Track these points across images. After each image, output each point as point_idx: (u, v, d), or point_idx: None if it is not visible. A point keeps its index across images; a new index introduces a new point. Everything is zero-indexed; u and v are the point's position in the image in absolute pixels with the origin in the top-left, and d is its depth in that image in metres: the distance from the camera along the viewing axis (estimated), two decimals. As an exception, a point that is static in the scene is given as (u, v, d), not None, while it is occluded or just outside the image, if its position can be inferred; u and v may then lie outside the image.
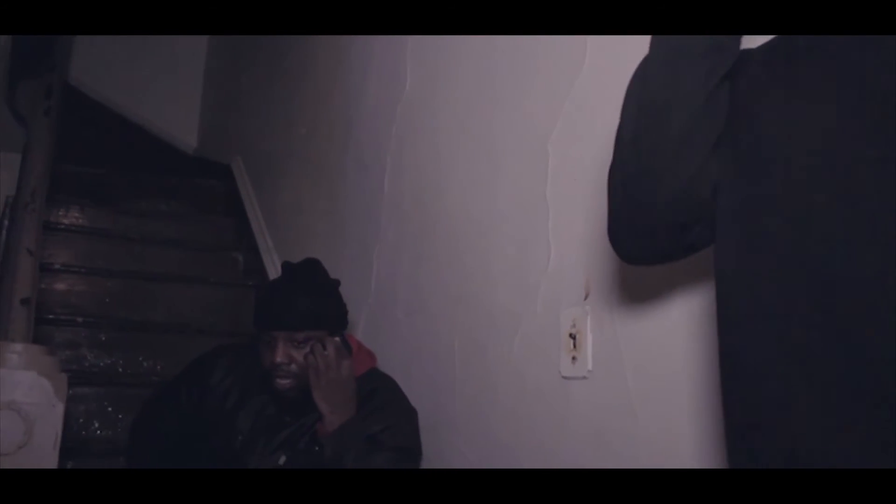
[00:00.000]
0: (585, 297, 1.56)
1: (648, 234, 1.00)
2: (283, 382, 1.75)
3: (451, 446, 1.91)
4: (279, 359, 1.73)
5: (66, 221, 3.47)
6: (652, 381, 1.38)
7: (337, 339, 1.79)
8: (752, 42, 0.99)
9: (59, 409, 1.46)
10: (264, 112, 3.80)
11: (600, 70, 1.62)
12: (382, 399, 1.82)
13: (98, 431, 2.56)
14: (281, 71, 3.61)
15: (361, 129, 2.65)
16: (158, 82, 4.91)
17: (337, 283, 1.91)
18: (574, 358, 1.56)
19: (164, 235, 3.57)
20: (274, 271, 3.27)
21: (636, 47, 1.51)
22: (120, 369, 2.87)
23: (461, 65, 2.10)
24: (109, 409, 2.60)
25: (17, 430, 1.38)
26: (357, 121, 2.69)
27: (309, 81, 3.23)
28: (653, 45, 1.01)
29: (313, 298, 1.81)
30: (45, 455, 1.39)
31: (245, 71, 4.25)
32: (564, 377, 1.58)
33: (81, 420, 2.59)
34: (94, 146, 4.24)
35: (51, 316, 2.86)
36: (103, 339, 2.92)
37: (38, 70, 3.81)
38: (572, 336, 1.57)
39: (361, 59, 2.71)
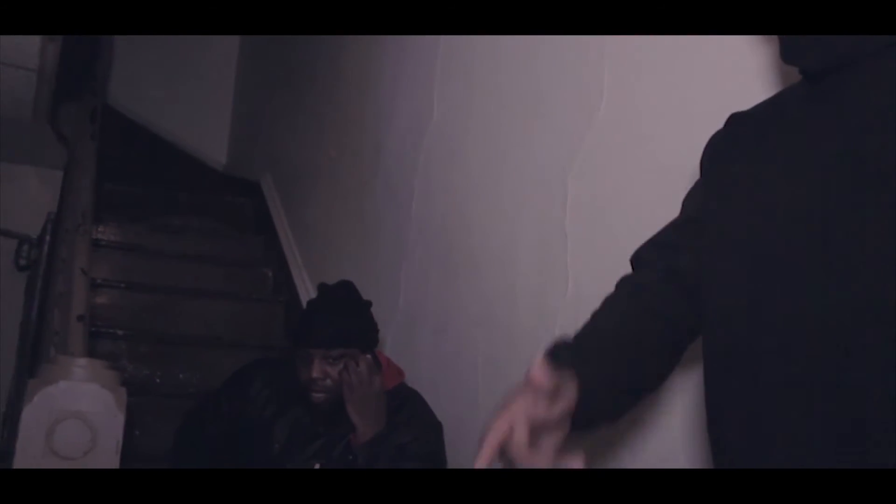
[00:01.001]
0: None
1: None
2: (319, 396, 1.89)
3: (473, 457, 2.04)
4: (315, 374, 1.87)
5: (105, 238, 3.64)
6: (658, 399, 1.51)
7: (368, 356, 1.92)
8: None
9: (120, 418, 1.61)
10: (293, 131, 3.96)
11: (617, 110, 1.75)
12: (410, 412, 1.96)
13: (140, 438, 2.70)
14: (310, 92, 3.77)
15: (390, 153, 2.79)
16: (190, 101, 5.09)
17: (369, 304, 2.05)
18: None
19: (197, 251, 3.73)
20: (303, 287, 3.42)
21: (650, 89, 1.65)
22: (157, 380, 3.02)
23: (487, 99, 2.24)
24: (149, 418, 2.75)
25: (84, 437, 1.53)
26: (386, 145, 2.83)
27: (338, 104, 3.38)
28: None
29: (347, 318, 1.95)
30: (108, 459, 1.54)
31: (274, 91, 4.41)
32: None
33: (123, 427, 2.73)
34: (129, 164, 4.42)
35: (92, 329, 3.01)
36: (142, 351, 3.07)
37: (80, 93, 4.00)
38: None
39: (390, 86, 2.86)
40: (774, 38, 1.02)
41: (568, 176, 1.85)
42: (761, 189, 0.99)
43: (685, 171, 1.45)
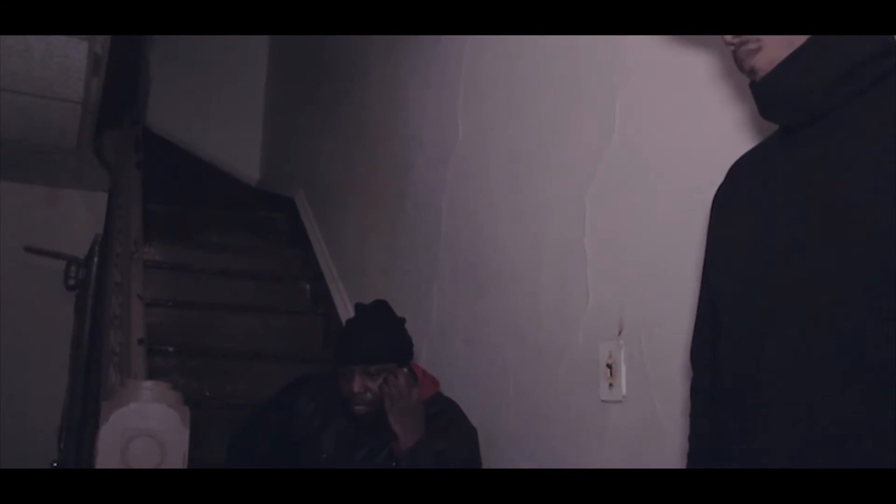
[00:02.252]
0: (619, 333, 1.84)
1: None
2: (361, 409, 2.05)
3: (508, 460, 2.19)
4: (357, 389, 2.03)
5: (150, 258, 3.82)
6: (675, 404, 1.64)
7: (405, 369, 2.08)
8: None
9: (185, 434, 1.78)
10: (324, 148, 4.13)
11: (630, 132, 1.89)
12: (447, 420, 2.11)
13: (193, 451, 2.88)
14: (339, 110, 3.94)
15: (417, 173, 2.95)
16: (223, 121, 5.28)
17: (403, 320, 2.20)
18: (611, 385, 1.83)
19: (237, 267, 3.91)
20: (340, 300, 3.59)
21: (661, 112, 1.79)
22: (207, 393, 3.20)
23: (508, 121, 2.38)
24: (201, 429, 2.92)
25: (155, 452, 1.70)
26: (414, 165, 2.99)
27: (367, 123, 3.54)
28: None
29: (384, 335, 2.10)
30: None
31: (304, 109, 4.59)
32: (603, 401, 1.85)
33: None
34: (167, 184, 4.61)
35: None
36: (191, 365, 3.25)
37: (122, 121, 4.20)
38: (609, 366, 1.84)
39: (416, 108, 3.01)
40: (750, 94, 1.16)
41: (585, 195, 1.99)
42: (749, 232, 1.12)
43: (693, 190, 1.58)
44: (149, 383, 1.81)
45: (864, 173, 1.00)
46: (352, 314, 2.28)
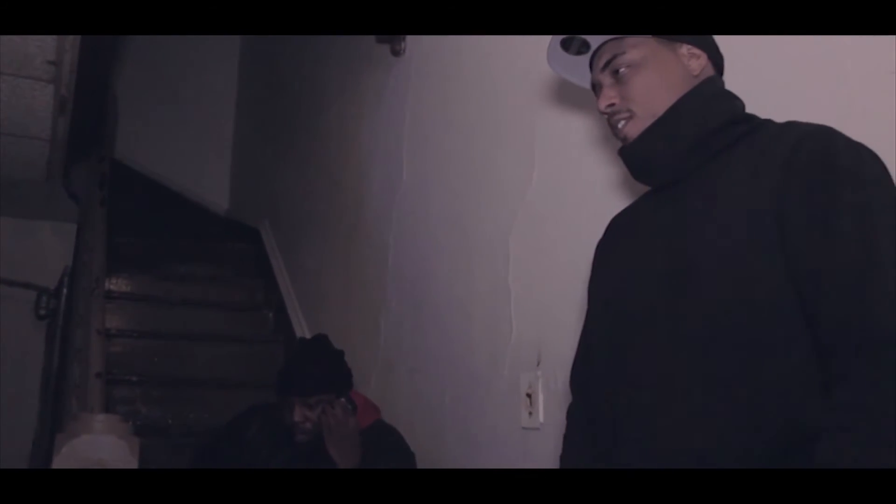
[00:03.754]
0: (538, 364, 1.99)
1: None
2: (301, 437, 2.19)
3: (443, 483, 2.34)
4: (297, 419, 2.17)
5: (116, 289, 3.95)
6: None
7: (342, 399, 2.22)
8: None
9: (134, 463, 1.91)
10: (286, 181, 4.28)
11: (547, 179, 2.05)
12: (386, 445, 2.25)
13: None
14: (298, 146, 4.09)
15: (369, 209, 3.10)
16: (192, 151, 5.41)
17: (341, 353, 2.35)
18: (530, 413, 1.98)
19: (203, 297, 4.04)
20: (299, 328, 3.73)
21: (576, 166, 1.95)
22: (170, 421, 3.33)
23: (446, 163, 2.55)
24: (163, 456, 3.05)
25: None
26: (364, 201, 3.14)
27: (323, 159, 3.70)
28: None
29: (320, 368, 2.25)
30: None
31: (267, 141, 4.74)
32: (523, 428, 2.01)
33: (140, 466, 3.03)
34: (137, 214, 4.74)
35: (109, 376, 3.31)
36: (154, 395, 3.38)
37: (90, 155, 4.33)
38: (528, 395, 1.99)
39: (367, 146, 3.17)
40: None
41: (510, 236, 2.16)
42: (617, 278, 1.29)
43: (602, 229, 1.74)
44: (101, 416, 1.94)
45: (705, 228, 1.16)
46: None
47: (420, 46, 2.78)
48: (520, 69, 2.14)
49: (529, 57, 2.06)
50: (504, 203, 2.20)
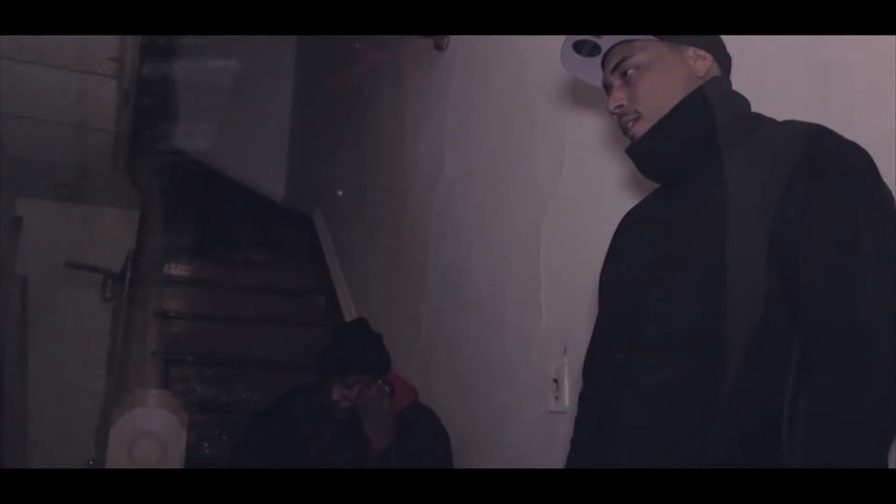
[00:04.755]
0: (564, 352, 2.07)
1: None
2: (340, 415, 2.31)
3: (477, 460, 2.44)
4: (335, 397, 2.30)
5: (175, 273, 4.14)
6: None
7: (379, 381, 2.33)
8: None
9: (183, 435, 2.06)
10: (338, 170, 4.41)
11: (575, 170, 2.13)
12: (421, 425, 2.36)
13: (207, 450, 3.17)
14: (349, 137, 4.22)
15: (412, 201, 3.21)
16: (251, 140, 5.59)
17: (380, 336, 2.46)
18: (556, 397, 2.07)
19: (257, 282, 4.21)
20: (348, 313, 3.86)
21: (604, 162, 2.02)
22: (223, 399, 3.49)
23: (482, 159, 2.64)
24: (216, 432, 3.21)
25: (156, 451, 1.98)
26: (409, 194, 3.25)
27: (373, 149, 3.81)
28: None
29: (359, 350, 2.37)
30: (174, 467, 1.98)
31: (321, 131, 4.88)
32: (550, 412, 2.09)
33: (194, 441, 3.20)
34: (196, 201, 4.93)
35: (167, 356, 3.50)
36: (209, 374, 3.55)
37: (152, 146, 4.53)
38: (555, 380, 2.08)
39: (412, 136, 3.27)
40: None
41: (540, 227, 2.24)
42: (624, 272, 1.36)
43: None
44: (154, 391, 2.09)
45: (703, 224, 1.23)
46: None
47: (462, 43, 2.86)
48: (552, 68, 2.22)
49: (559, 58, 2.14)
50: (536, 196, 2.28)
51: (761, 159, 1.21)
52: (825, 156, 1.16)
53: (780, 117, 1.28)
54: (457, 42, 2.92)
